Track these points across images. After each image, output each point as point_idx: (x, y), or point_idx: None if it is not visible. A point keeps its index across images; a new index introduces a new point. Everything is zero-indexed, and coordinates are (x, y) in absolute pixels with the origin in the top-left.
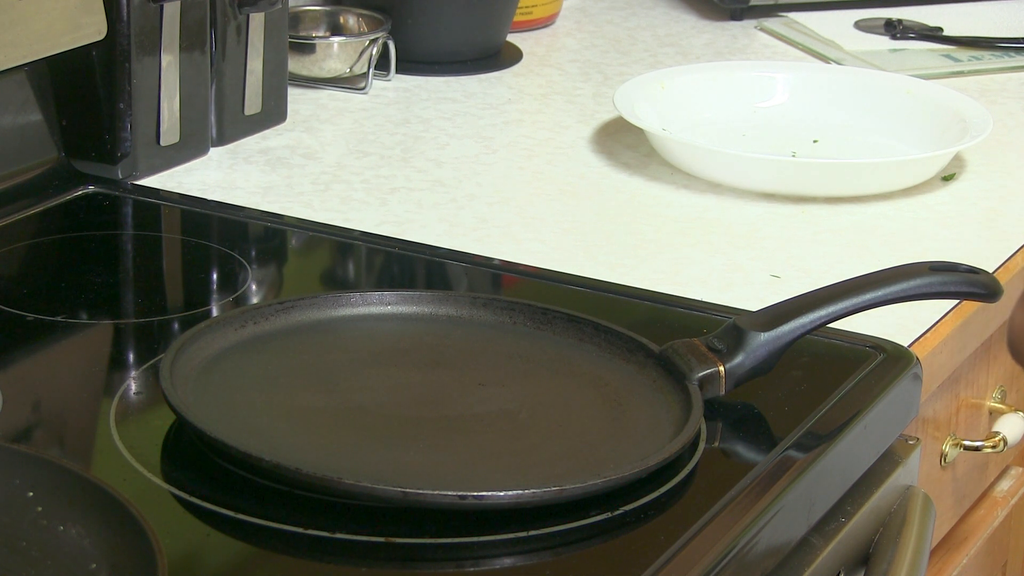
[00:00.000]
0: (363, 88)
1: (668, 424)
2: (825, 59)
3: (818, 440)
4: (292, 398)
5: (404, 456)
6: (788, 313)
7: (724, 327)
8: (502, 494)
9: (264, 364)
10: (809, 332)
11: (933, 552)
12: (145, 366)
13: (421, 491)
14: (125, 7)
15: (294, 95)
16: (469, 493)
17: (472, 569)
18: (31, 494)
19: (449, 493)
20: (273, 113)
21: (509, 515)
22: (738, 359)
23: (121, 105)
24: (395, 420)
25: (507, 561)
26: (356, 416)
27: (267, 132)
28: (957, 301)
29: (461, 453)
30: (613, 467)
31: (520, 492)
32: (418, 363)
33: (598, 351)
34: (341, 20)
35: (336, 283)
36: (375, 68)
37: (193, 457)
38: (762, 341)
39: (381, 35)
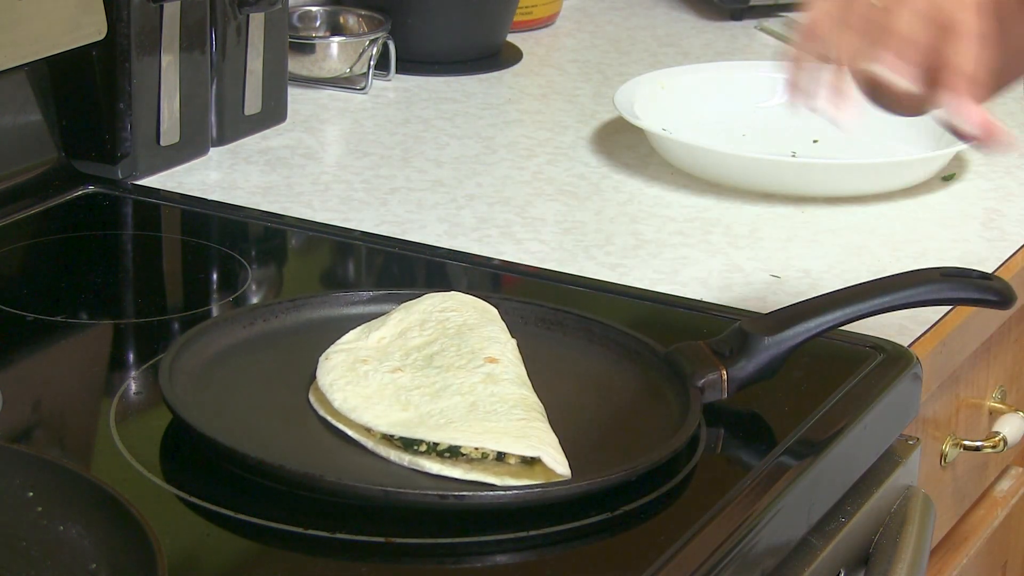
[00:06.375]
0: (363, 88)
1: (667, 425)
2: None
3: (818, 440)
4: (291, 395)
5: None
6: (795, 318)
7: (730, 330)
8: (483, 494)
9: (268, 361)
10: (816, 337)
11: (933, 552)
12: (145, 366)
13: (401, 490)
14: (125, 7)
15: (294, 95)
16: (450, 493)
17: (472, 569)
18: (31, 494)
19: (430, 492)
20: (273, 113)
21: (509, 515)
22: (741, 363)
23: (121, 105)
24: None
25: (507, 561)
26: None
27: (267, 132)
28: None
29: None
30: (612, 467)
31: (501, 493)
32: None
33: (603, 351)
34: (341, 20)
35: (336, 283)
36: (375, 68)
37: (193, 457)
38: (766, 346)
39: (381, 35)
